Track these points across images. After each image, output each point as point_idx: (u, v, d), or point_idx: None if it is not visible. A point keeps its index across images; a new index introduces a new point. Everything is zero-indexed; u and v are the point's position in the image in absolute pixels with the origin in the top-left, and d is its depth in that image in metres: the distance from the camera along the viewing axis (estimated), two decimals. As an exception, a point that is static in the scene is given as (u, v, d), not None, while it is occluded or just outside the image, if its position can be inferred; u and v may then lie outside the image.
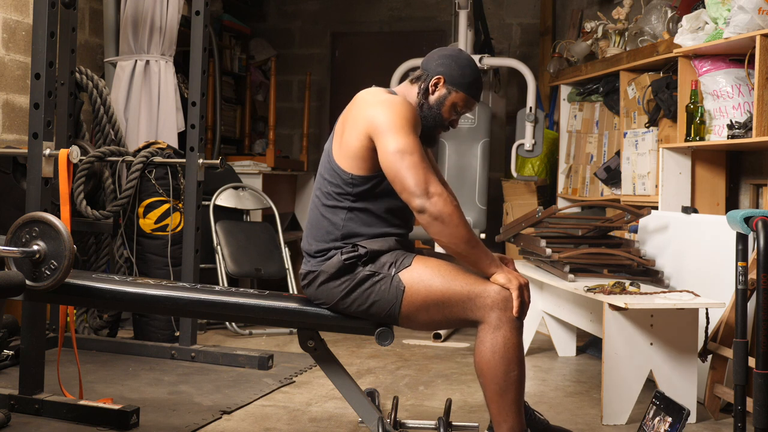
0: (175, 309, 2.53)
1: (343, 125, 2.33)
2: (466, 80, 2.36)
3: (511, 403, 2.19)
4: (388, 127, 2.20)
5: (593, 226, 3.80)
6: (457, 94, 2.36)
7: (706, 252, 3.29)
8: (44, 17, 2.75)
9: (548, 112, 5.65)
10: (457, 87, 2.36)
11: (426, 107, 2.37)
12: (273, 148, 5.48)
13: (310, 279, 2.33)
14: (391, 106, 2.24)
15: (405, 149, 2.17)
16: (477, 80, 2.39)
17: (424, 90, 2.37)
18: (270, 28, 6.73)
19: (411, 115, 2.24)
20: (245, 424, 2.82)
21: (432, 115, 2.37)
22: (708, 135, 3.55)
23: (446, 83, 2.35)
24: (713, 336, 3.01)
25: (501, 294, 2.19)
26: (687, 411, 2.39)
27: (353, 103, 2.35)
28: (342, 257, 2.26)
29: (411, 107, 2.28)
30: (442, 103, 2.37)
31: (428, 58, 2.41)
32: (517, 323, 2.20)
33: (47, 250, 2.25)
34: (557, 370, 3.76)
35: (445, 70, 2.35)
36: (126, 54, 4.51)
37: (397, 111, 2.23)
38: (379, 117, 2.22)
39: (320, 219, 2.34)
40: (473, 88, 2.38)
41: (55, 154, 2.80)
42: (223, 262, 4.51)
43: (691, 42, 3.54)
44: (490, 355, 2.17)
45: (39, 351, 2.82)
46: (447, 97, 2.36)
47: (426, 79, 2.37)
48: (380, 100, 2.27)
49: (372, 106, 2.26)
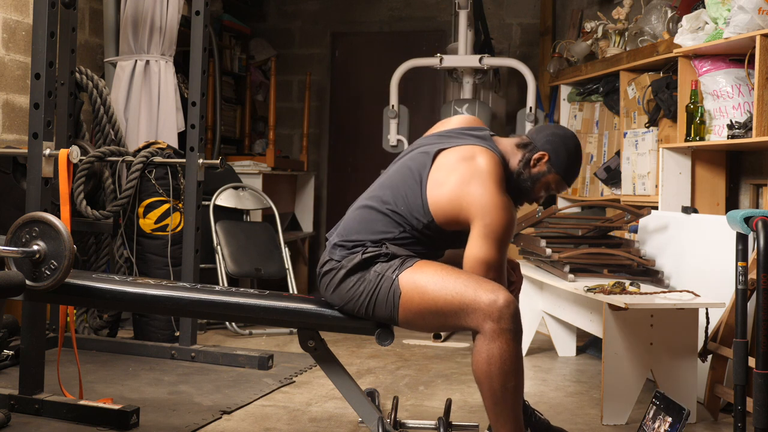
0: (175, 309, 2.53)
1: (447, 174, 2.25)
2: (570, 167, 2.38)
3: (509, 411, 2.16)
4: (488, 230, 2.18)
5: (593, 226, 3.80)
6: (555, 176, 2.37)
7: (706, 252, 3.29)
8: (44, 17, 2.75)
9: (548, 112, 5.64)
10: (558, 170, 2.36)
11: (522, 178, 2.36)
12: (273, 148, 5.48)
13: (330, 268, 2.31)
14: (501, 210, 2.19)
15: (490, 263, 2.18)
16: (578, 168, 2.42)
17: (527, 161, 2.36)
18: (270, 28, 6.73)
19: (511, 223, 2.20)
20: (245, 424, 2.82)
21: (525, 187, 2.38)
22: (708, 135, 3.55)
23: (549, 162, 2.35)
24: (713, 336, 3.01)
25: (494, 305, 2.12)
26: (687, 411, 2.39)
27: (462, 155, 2.27)
28: (362, 255, 2.26)
29: (513, 217, 2.22)
30: (539, 179, 2.37)
31: (538, 131, 2.41)
32: (514, 333, 2.14)
33: (47, 250, 2.24)
34: (557, 370, 3.76)
35: (552, 149, 2.35)
36: (126, 54, 4.51)
37: (505, 220, 2.18)
38: (483, 215, 2.18)
39: (375, 221, 2.31)
40: (572, 174, 2.40)
41: (55, 154, 2.79)
42: (223, 262, 4.51)
43: (691, 42, 3.54)
44: (487, 366, 2.14)
45: (39, 351, 2.82)
46: (545, 175, 2.36)
47: (532, 150, 2.36)
48: (493, 191, 2.20)
49: (482, 193, 2.19)
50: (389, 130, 4.96)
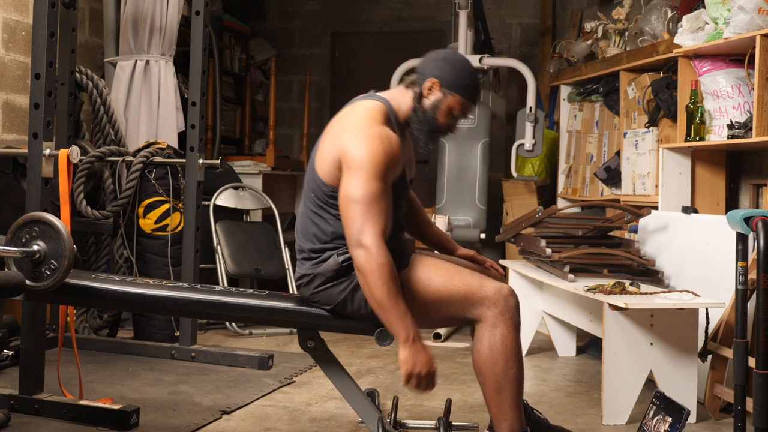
0: (175, 309, 2.53)
1: (325, 137, 2.29)
2: (462, 82, 2.28)
3: (509, 401, 2.19)
4: (352, 166, 2.13)
5: (593, 226, 3.79)
6: (453, 97, 2.29)
7: (706, 252, 3.29)
8: (44, 17, 2.75)
9: (548, 112, 5.64)
10: (453, 90, 2.28)
11: (420, 112, 2.30)
12: (273, 148, 5.48)
13: (306, 281, 2.32)
14: (366, 141, 2.14)
15: (355, 197, 2.10)
16: (474, 83, 2.31)
17: (418, 94, 2.30)
18: (270, 28, 6.73)
19: (382, 157, 2.14)
20: (245, 424, 2.82)
21: (427, 119, 2.30)
22: (708, 135, 3.55)
23: (441, 87, 2.28)
24: (713, 336, 3.01)
25: (500, 293, 2.20)
26: (687, 411, 2.39)
27: (340, 116, 2.31)
28: (339, 259, 2.25)
29: (387, 145, 2.16)
30: (437, 107, 2.29)
31: (423, 62, 2.34)
32: (515, 321, 2.20)
33: (47, 250, 2.25)
34: (557, 370, 3.76)
35: (439, 73, 2.28)
36: (126, 54, 4.51)
37: (369, 150, 2.13)
38: (350, 150, 2.15)
39: (309, 223, 2.32)
40: (470, 90, 2.30)
41: (55, 154, 2.79)
42: (223, 262, 4.51)
43: (691, 42, 3.53)
44: (488, 353, 2.18)
45: (39, 351, 2.83)
46: (442, 101, 2.29)
47: (421, 82, 2.30)
48: (359, 128, 2.18)
49: (349, 133, 2.19)
50: (389, 130, 4.95)
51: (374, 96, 2.33)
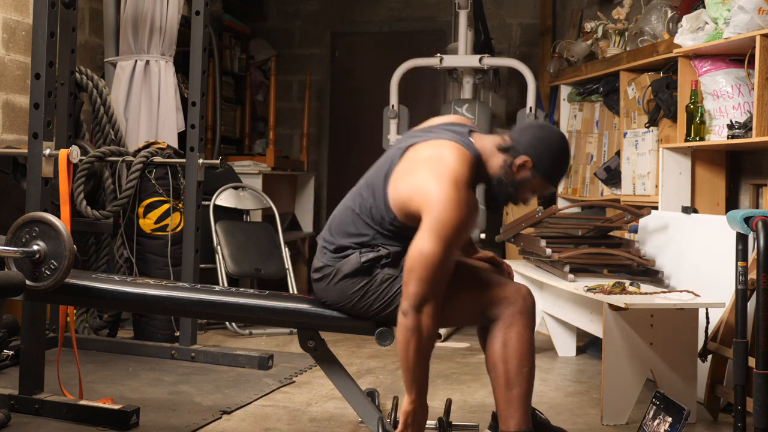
0: (175, 309, 2.53)
1: (410, 168, 2.20)
2: (554, 171, 2.26)
3: (519, 399, 2.22)
4: (433, 227, 2.07)
5: (593, 226, 3.80)
6: (540, 181, 2.26)
7: (706, 252, 3.29)
8: (44, 17, 2.75)
9: (548, 112, 5.64)
10: (543, 176, 2.24)
11: (505, 183, 2.25)
12: (273, 148, 5.48)
13: (325, 274, 2.32)
14: (452, 205, 2.08)
15: (431, 258, 2.06)
16: (564, 170, 2.29)
17: (508, 166, 2.24)
18: (270, 28, 6.73)
19: (463, 228, 2.10)
20: (245, 424, 2.82)
21: (507, 192, 2.27)
22: (708, 135, 3.55)
23: (533, 168, 2.23)
24: (713, 336, 3.01)
25: (519, 292, 2.25)
26: (687, 411, 2.39)
27: (429, 148, 2.21)
28: (361, 258, 2.25)
29: (468, 215, 2.12)
30: (522, 184, 2.26)
31: (521, 132, 2.27)
32: (531, 321, 2.25)
33: (47, 250, 2.25)
34: (557, 370, 3.76)
35: (534, 153, 2.22)
36: (126, 54, 4.50)
37: (453, 216, 2.07)
38: (433, 206, 2.09)
39: (349, 222, 2.30)
40: (557, 177, 2.28)
41: (55, 154, 2.79)
42: (223, 262, 4.51)
43: (691, 42, 3.53)
44: (502, 349, 2.22)
45: (39, 351, 2.82)
46: (530, 180, 2.25)
47: (514, 154, 2.23)
48: (448, 185, 2.09)
49: (436, 185, 2.10)
50: (389, 130, 4.96)
51: (466, 142, 2.23)
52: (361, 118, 6.42)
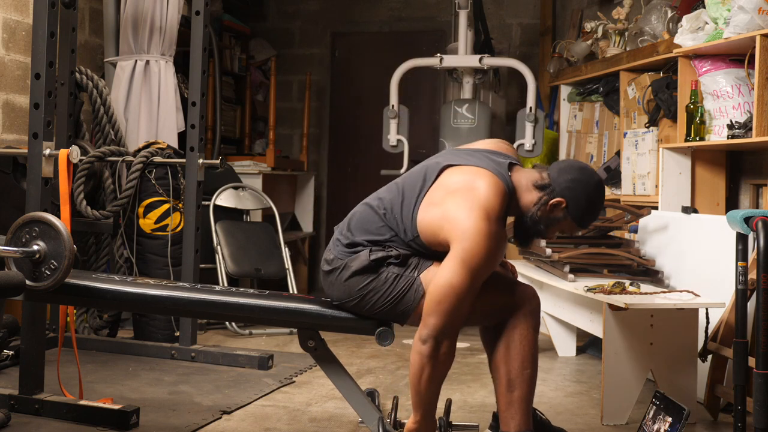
0: (175, 309, 2.53)
1: (444, 195, 2.19)
2: (588, 216, 2.28)
3: (520, 400, 2.23)
4: (461, 258, 2.08)
5: (593, 226, 3.80)
6: (571, 223, 2.28)
7: (706, 252, 3.29)
8: (44, 17, 2.75)
9: (548, 112, 5.64)
10: (575, 219, 2.26)
11: (536, 221, 2.26)
12: (273, 148, 5.48)
13: (334, 267, 2.31)
14: (479, 240, 2.07)
15: (459, 290, 2.07)
16: (597, 215, 2.31)
17: (543, 204, 2.24)
18: (270, 28, 6.72)
19: (490, 261, 2.10)
20: (245, 424, 2.82)
21: (537, 229, 2.28)
22: (708, 135, 3.55)
23: (566, 209, 2.24)
24: (713, 336, 3.01)
25: (524, 294, 2.26)
26: (687, 411, 2.39)
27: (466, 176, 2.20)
28: (370, 256, 2.25)
29: (497, 249, 2.12)
30: (553, 224, 2.28)
31: (560, 172, 2.26)
32: (535, 322, 2.26)
33: (47, 250, 2.24)
34: (557, 370, 3.76)
35: (570, 196, 2.23)
36: (126, 54, 4.50)
37: (480, 250, 2.07)
38: (462, 239, 2.09)
39: (370, 221, 2.30)
40: (588, 222, 2.30)
41: (55, 154, 2.79)
42: (223, 262, 4.51)
43: (691, 42, 3.54)
44: (506, 350, 2.23)
45: (39, 351, 2.82)
46: (561, 221, 2.27)
47: (550, 194, 2.24)
48: (476, 219, 2.09)
49: (467, 217, 2.10)
50: (389, 130, 4.96)
51: (503, 174, 2.23)
52: (361, 118, 6.42)
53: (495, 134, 5.40)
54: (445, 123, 4.88)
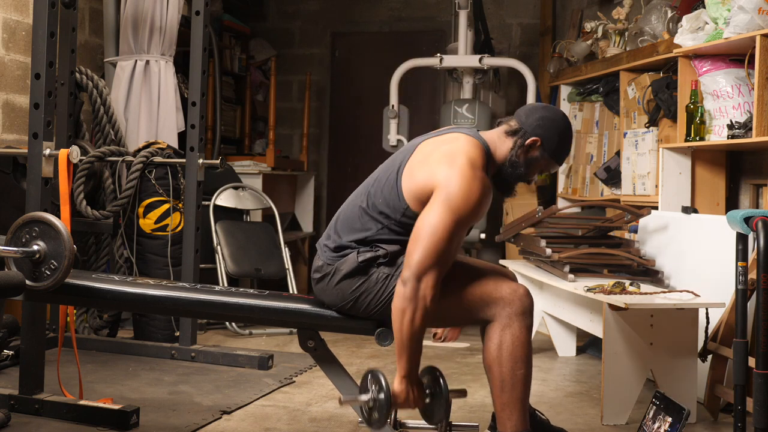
0: (175, 309, 2.53)
1: (424, 158, 2.25)
2: (562, 150, 2.35)
3: (515, 401, 2.20)
4: (444, 199, 2.12)
5: (593, 226, 3.80)
6: (548, 160, 2.34)
7: (706, 252, 3.29)
8: (44, 17, 2.75)
9: (548, 112, 5.63)
10: (551, 155, 2.33)
11: (516, 165, 2.32)
12: (273, 148, 5.48)
13: (325, 273, 2.32)
14: (467, 185, 2.12)
15: (439, 227, 2.09)
16: (569, 148, 2.39)
17: (519, 147, 2.31)
18: (270, 28, 6.73)
19: (475, 207, 2.13)
20: (245, 424, 2.82)
21: (518, 173, 2.34)
22: (708, 135, 3.55)
23: (541, 146, 2.31)
24: (713, 336, 3.01)
25: (515, 293, 2.22)
26: (687, 411, 2.39)
27: (440, 140, 2.28)
28: (358, 258, 2.25)
29: (482, 197, 2.15)
30: (532, 164, 2.34)
31: (527, 114, 2.34)
32: (528, 322, 2.23)
33: (47, 250, 2.24)
34: (557, 370, 3.76)
35: (544, 134, 2.31)
36: (126, 54, 4.51)
37: (467, 195, 2.12)
38: (448, 186, 2.13)
39: (356, 218, 2.31)
40: (563, 156, 2.38)
41: (55, 154, 2.79)
42: (223, 262, 4.51)
43: (691, 42, 3.53)
44: (498, 351, 2.20)
45: (39, 351, 2.82)
46: (539, 160, 2.33)
47: (523, 136, 2.31)
48: (463, 167, 2.15)
49: (451, 169, 2.15)
50: (389, 130, 4.96)
51: (476, 134, 2.32)
52: (361, 118, 6.43)
53: (495, 134, 5.40)
54: (445, 123, 4.88)
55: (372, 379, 2.18)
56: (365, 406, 2.17)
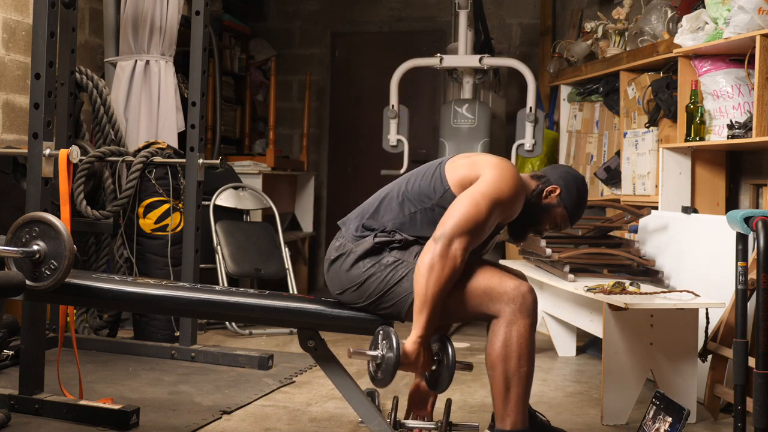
0: (175, 309, 2.53)
1: (469, 159, 2.38)
2: (578, 205, 2.45)
3: (516, 399, 2.21)
4: (487, 180, 2.24)
5: (593, 226, 3.80)
6: (563, 210, 2.43)
7: (706, 252, 3.29)
8: (44, 17, 2.75)
9: (548, 112, 5.64)
10: (566, 205, 2.42)
11: (533, 206, 2.41)
12: (273, 148, 5.48)
13: (341, 253, 2.34)
14: (506, 176, 2.26)
15: (479, 200, 2.20)
16: (584, 209, 2.49)
17: (540, 190, 2.42)
18: (270, 28, 6.73)
19: (511, 193, 2.26)
20: (245, 424, 2.82)
21: (533, 218, 2.43)
22: (708, 135, 3.55)
23: (560, 195, 2.42)
24: (713, 336, 3.01)
25: (519, 289, 2.24)
26: (687, 411, 2.39)
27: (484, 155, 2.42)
28: (374, 240, 2.30)
29: (516, 193, 2.28)
30: (548, 211, 2.43)
31: (552, 168, 2.50)
32: (532, 319, 2.25)
33: (47, 250, 2.24)
34: (557, 370, 3.76)
35: (564, 184, 2.43)
36: (126, 54, 4.51)
37: (506, 181, 2.25)
38: (491, 173, 2.27)
39: (383, 206, 2.37)
40: (578, 213, 2.47)
41: (55, 154, 2.79)
42: (223, 262, 4.51)
43: (691, 42, 3.54)
44: (502, 348, 2.21)
45: (39, 351, 2.82)
46: (555, 208, 2.43)
47: (546, 182, 2.43)
48: (505, 170, 2.29)
49: (496, 167, 2.29)
50: (389, 130, 4.96)
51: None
52: (361, 118, 6.42)
53: (495, 134, 5.41)
54: (445, 123, 4.88)
55: (383, 335, 2.20)
56: (372, 362, 2.20)
